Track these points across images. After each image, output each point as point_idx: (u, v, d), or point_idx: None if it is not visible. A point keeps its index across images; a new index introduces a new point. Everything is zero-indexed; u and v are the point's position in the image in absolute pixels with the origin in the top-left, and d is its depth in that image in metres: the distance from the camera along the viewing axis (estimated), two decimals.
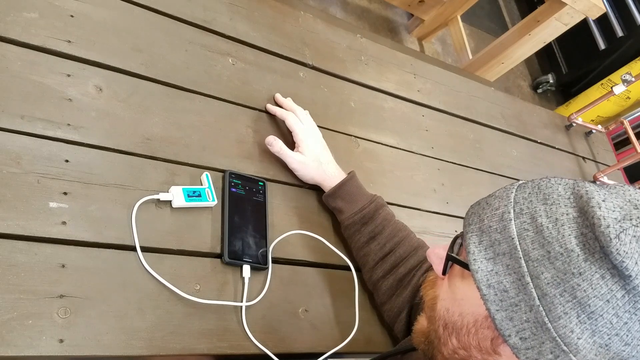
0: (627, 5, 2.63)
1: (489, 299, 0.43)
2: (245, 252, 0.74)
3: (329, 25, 1.10)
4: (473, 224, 0.47)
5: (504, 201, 0.46)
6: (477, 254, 0.45)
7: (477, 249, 0.45)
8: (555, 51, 3.01)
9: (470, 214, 0.49)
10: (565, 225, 0.42)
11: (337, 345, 0.77)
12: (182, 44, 0.85)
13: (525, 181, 0.49)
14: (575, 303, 0.40)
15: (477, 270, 0.44)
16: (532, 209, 0.44)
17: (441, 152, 1.14)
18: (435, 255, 0.53)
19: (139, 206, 0.69)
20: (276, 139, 0.83)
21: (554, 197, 0.44)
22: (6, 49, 0.68)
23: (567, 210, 0.42)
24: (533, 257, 0.42)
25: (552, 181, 0.46)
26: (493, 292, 0.43)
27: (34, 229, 0.61)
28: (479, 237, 0.46)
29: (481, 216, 0.47)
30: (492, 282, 0.43)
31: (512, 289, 0.42)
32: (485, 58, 2.22)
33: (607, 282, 0.40)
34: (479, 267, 0.44)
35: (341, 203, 0.84)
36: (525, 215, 0.44)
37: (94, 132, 0.71)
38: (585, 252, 0.40)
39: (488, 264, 0.44)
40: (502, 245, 0.44)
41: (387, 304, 0.81)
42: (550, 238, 0.42)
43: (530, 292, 0.41)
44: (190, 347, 0.66)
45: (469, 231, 0.47)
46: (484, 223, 0.46)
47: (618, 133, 2.45)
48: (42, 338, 0.57)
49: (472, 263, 0.45)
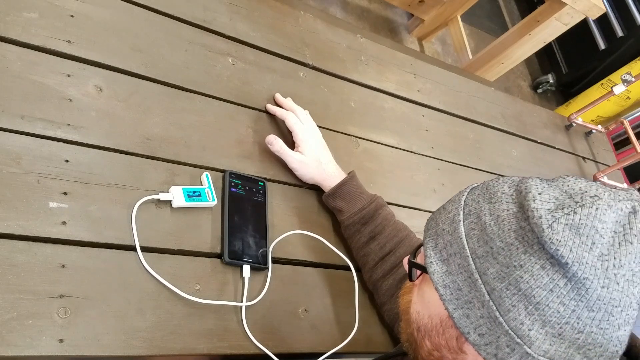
0: (627, 5, 2.63)
1: (446, 298, 0.45)
2: (245, 252, 0.74)
3: (329, 25, 1.10)
4: (431, 229, 0.50)
5: (455, 204, 0.49)
6: (433, 256, 0.47)
7: (434, 252, 0.47)
8: (555, 51, 3.01)
9: (430, 219, 0.52)
10: (505, 220, 0.43)
11: (337, 345, 0.77)
12: (182, 44, 0.85)
13: (478, 183, 0.50)
14: (520, 295, 0.41)
15: (433, 272, 0.46)
16: (479, 208, 0.46)
17: (441, 152, 1.14)
18: (406, 262, 0.56)
19: (139, 206, 0.69)
20: (276, 138, 0.84)
21: (498, 195, 0.45)
22: (6, 49, 0.68)
23: (508, 207, 0.44)
24: (479, 254, 0.44)
25: (500, 180, 0.48)
26: (449, 292, 0.45)
27: (34, 229, 0.61)
28: (435, 240, 0.48)
29: (437, 220, 0.50)
30: (447, 282, 0.45)
31: (464, 286, 0.44)
32: (485, 58, 2.22)
33: (548, 271, 0.41)
34: (435, 269, 0.47)
35: (341, 203, 0.84)
36: (472, 216, 0.46)
37: (94, 132, 0.71)
38: (524, 245, 0.41)
39: (442, 265, 0.46)
40: (453, 246, 0.46)
41: (388, 304, 0.81)
42: (492, 234, 0.43)
43: (480, 288, 0.43)
44: (190, 347, 0.66)
45: (427, 236, 0.50)
46: (439, 227, 0.49)
47: (618, 133, 2.45)
48: (42, 338, 0.57)
49: (429, 266, 0.47)
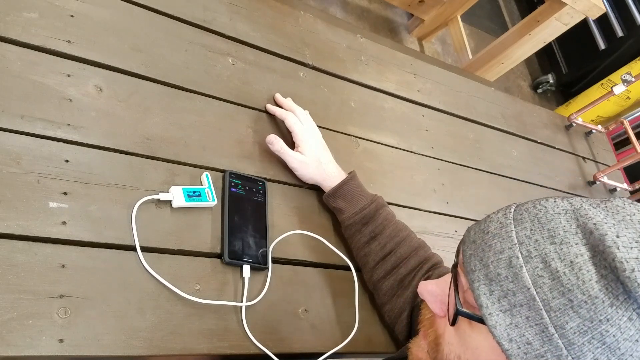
0: (627, 5, 2.63)
1: (512, 353, 0.41)
2: (245, 252, 0.74)
3: (329, 25, 1.10)
4: (477, 270, 0.44)
5: (506, 242, 0.43)
6: (491, 307, 0.42)
7: (490, 301, 0.43)
8: (555, 51, 3.02)
9: (469, 256, 0.46)
10: (583, 268, 0.40)
11: (337, 345, 0.77)
12: (182, 44, 0.85)
13: (518, 207, 0.46)
14: (604, 349, 0.39)
15: (495, 326, 0.42)
16: (541, 250, 0.42)
17: (441, 152, 1.14)
18: (429, 293, 0.50)
19: (139, 206, 0.69)
20: (277, 138, 0.84)
21: (560, 233, 0.42)
22: (6, 49, 0.68)
23: (580, 250, 0.41)
24: (554, 306, 0.40)
25: (550, 210, 0.43)
26: (516, 346, 0.41)
27: (34, 229, 0.61)
28: (488, 286, 0.43)
29: (484, 260, 0.44)
30: (514, 336, 0.41)
31: (536, 341, 0.41)
32: (485, 58, 2.22)
33: (635, 323, 0.39)
34: (496, 321, 0.42)
35: (342, 203, 0.84)
36: (535, 259, 0.41)
37: (94, 132, 0.71)
38: (610, 297, 0.39)
39: (505, 317, 0.42)
40: (517, 296, 0.41)
41: (388, 305, 0.81)
42: (570, 285, 0.40)
43: (556, 343, 0.40)
44: (190, 347, 0.66)
45: (474, 280, 0.44)
46: (490, 270, 0.43)
47: (618, 133, 2.45)
48: (42, 338, 0.57)
49: (488, 318, 0.42)
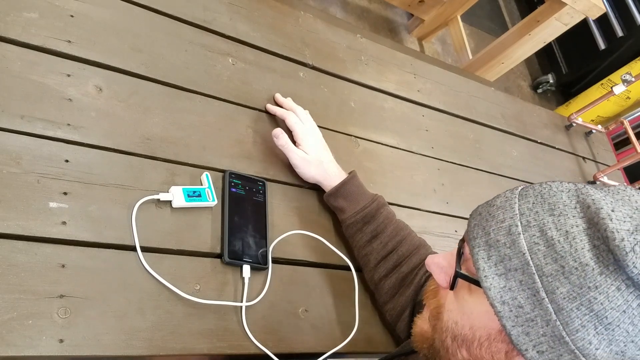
0: (627, 5, 2.63)
1: (504, 315, 0.43)
2: (245, 252, 0.74)
3: (329, 25, 1.10)
4: (479, 237, 0.46)
5: (508, 212, 0.45)
6: (488, 270, 0.44)
7: (487, 265, 0.44)
8: (555, 51, 3.01)
9: (473, 225, 0.48)
10: (577, 238, 0.41)
11: (337, 345, 0.77)
12: (182, 44, 0.85)
13: (525, 187, 0.48)
14: (592, 316, 0.40)
15: (489, 288, 0.44)
16: (540, 221, 0.43)
17: (441, 152, 1.14)
18: (435, 265, 0.52)
19: (139, 206, 0.69)
20: (283, 132, 0.83)
21: (560, 207, 0.43)
22: (6, 49, 0.68)
23: (577, 222, 0.42)
24: (547, 272, 0.42)
25: (554, 188, 0.45)
26: (508, 309, 0.43)
27: (34, 229, 0.61)
28: (487, 252, 0.45)
29: (486, 229, 0.46)
30: (506, 299, 0.43)
31: (527, 304, 0.42)
32: (485, 58, 2.22)
33: (623, 293, 0.40)
34: (491, 284, 0.44)
35: (343, 202, 0.84)
36: (533, 228, 0.43)
37: (94, 132, 0.71)
38: (600, 265, 0.40)
39: (500, 280, 0.43)
40: (513, 260, 0.43)
41: (390, 303, 0.81)
42: (563, 252, 0.41)
43: (546, 307, 0.41)
44: (190, 347, 0.66)
45: (475, 245, 0.46)
46: (490, 237, 0.45)
47: (618, 133, 2.45)
48: (42, 338, 0.57)
49: (484, 280, 0.44)
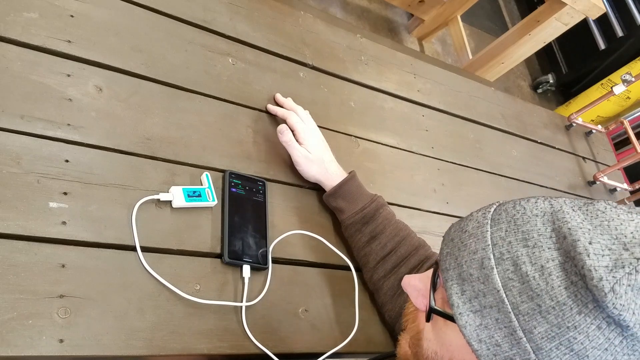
0: (627, 5, 2.63)
1: (482, 353, 0.42)
2: (245, 252, 0.74)
3: (329, 25, 1.10)
4: (451, 269, 0.45)
5: (480, 242, 0.43)
6: (462, 306, 0.43)
7: (461, 301, 0.43)
8: (555, 51, 3.02)
9: (445, 254, 0.46)
10: (553, 274, 0.39)
11: (337, 345, 0.77)
12: (182, 44, 0.85)
13: (498, 207, 0.46)
14: (572, 355, 0.39)
15: (465, 326, 0.43)
16: (514, 253, 0.41)
17: (441, 152, 1.14)
18: (412, 287, 0.51)
19: (139, 206, 0.69)
20: (288, 129, 0.83)
21: (534, 236, 0.41)
22: (6, 49, 0.68)
23: (552, 255, 0.40)
24: (523, 310, 0.40)
25: (528, 211, 0.43)
26: (485, 347, 0.42)
27: (34, 229, 0.61)
28: (460, 286, 0.43)
29: (458, 259, 0.44)
30: (483, 337, 0.42)
31: (504, 343, 0.41)
32: (485, 58, 2.22)
33: (604, 331, 0.38)
34: (466, 321, 0.42)
35: (342, 202, 0.84)
36: (507, 262, 0.41)
37: (94, 132, 0.71)
38: (579, 304, 0.38)
39: (476, 318, 0.42)
40: (487, 297, 0.42)
41: (389, 304, 0.81)
42: (539, 290, 0.40)
43: (524, 347, 0.40)
44: (190, 347, 0.66)
45: (448, 278, 0.44)
46: (463, 269, 0.44)
47: (618, 133, 2.45)
48: (42, 338, 0.57)
49: (459, 318, 0.43)
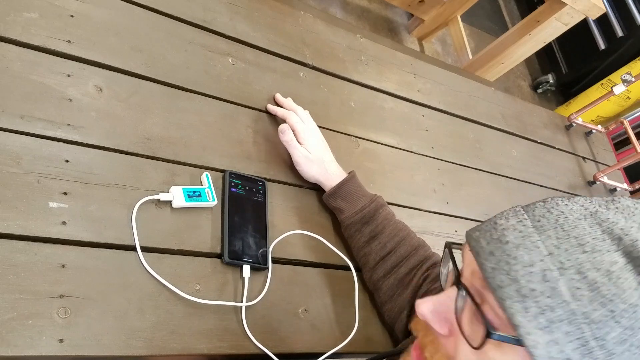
0: (627, 5, 2.63)
1: None
2: (245, 252, 0.74)
3: (329, 25, 1.10)
4: (506, 286, 0.41)
5: (535, 254, 0.41)
6: (528, 325, 0.40)
7: (526, 319, 0.40)
8: (555, 51, 3.02)
9: (491, 269, 0.42)
10: (621, 277, 0.39)
11: (337, 345, 0.77)
12: (182, 44, 0.85)
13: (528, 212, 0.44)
14: None
15: (535, 346, 0.40)
16: (574, 261, 0.40)
17: (441, 152, 1.14)
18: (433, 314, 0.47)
19: (139, 206, 0.69)
20: (289, 129, 0.83)
21: (588, 241, 0.41)
22: (6, 49, 0.68)
23: (614, 258, 0.40)
24: (595, 319, 0.39)
25: (569, 215, 0.42)
26: None
27: (34, 229, 0.61)
28: (522, 303, 0.40)
29: (511, 274, 0.41)
30: (553, 354, 0.40)
31: (575, 355, 0.40)
32: (485, 58, 2.22)
33: None
34: (535, 341, 0.40)
35: (342, 203, 0.84)
36: (570, 271, 0.40)
37: (94, 132, 0.71)
38: None
39: (544, 335, 0.40)
40: (556, 311, 0.40)
41: (388, 304, 0.81)
42: (611, 295, 0.39)
43: (596, 356, 0.39)
44: (190, 347, 0.66)
45: (504, 297, 0.41)
46: (521, 284, 0.41)
47: (618, 133, 2.45)
48: (42, 338, 0.57)
49: (527, 338, 0.40)
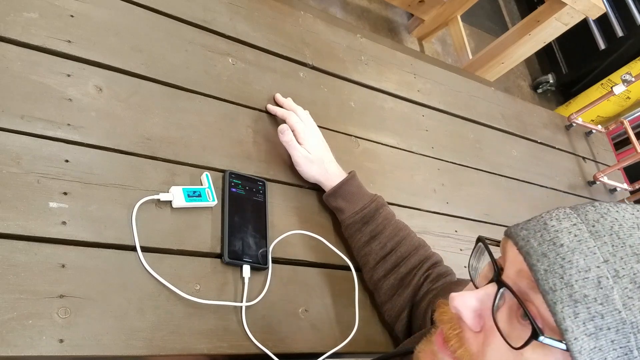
0: (627, 5, 2.63)
1: None
2: (245, 252, 0.74)
3: (329, 25, 1.10)
4: (558, 290, 0.41)
5: (591, 260, 0.41)
6: (576, 330, 0.40)
7: (575, 324, 0.40)
8: (555, 51, 3.02)
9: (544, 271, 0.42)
10: None
11: (337, 345, 0.77)
12: (182, 44, 0.85)
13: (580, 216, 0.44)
14: None
15: (580, 351, 0.39)
16: (629, 270, 0.40)
17: (441, 152, 1.14)
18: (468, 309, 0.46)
19: (139, 206, 0.69)
20: (289, 129, 0.83)
21: None
22: (6, 49, 0.68)
23: None
24: None
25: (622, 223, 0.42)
26: None
27: (34, 229, 0.61)
28: (573, 308, 0.40)
29: (565, 279, 0.41)
30: None
31: None
32: (485, 58, 2.22)
33: None
34: (581, 347, 0.39)
35: (342, 202, 0.84)
36: (624, 280, 0.40)
37: (94, 132, 0.71)
38: None
39: (590, 341, 0.39)
40: (606, 319, 0.39)
41: (388, 304, 0.81)
42: None
43: None
44: (190, 347, 0.66)
45: (556, 300, 0.40)
46: (574, 290, 0.40)
47: (618, 133, 2.45)
48: (42, 338, 0.57)
49: (574, 343, 0.39)
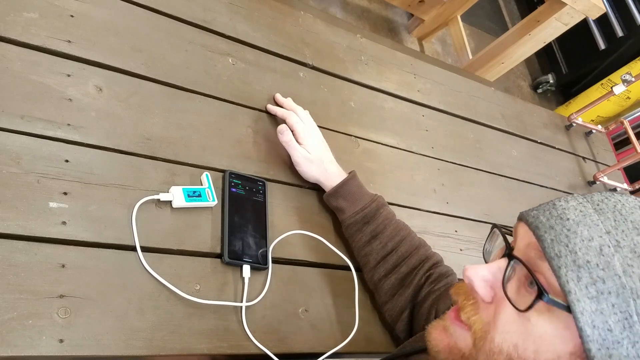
0: (627, 5, 2.63)
1: (592, 339, 0.42)
2: (245, 252, 0.74)
3: (329, 25, 1.10)
4: (563, 256, 0.44)
5: (595, 230, 0.44)
6: (579, 293, 0.43)
7: (578, 287, 0.43)
8: (555, 51, 3.02)
9: (550, 241, 0.45)
10: None
11: (337, 345, 0.77)
12: (182, 44, 0.85)
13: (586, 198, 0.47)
14: None
15: (582, 312, 0.42)
16: (630, 241, 0.43)
17: (441, 152, 1.14)
18: (481, 279, 0.49)
19: (139, 206, 0.69)
20: (288, 129, 0.83)
21: None
22: (6, 49, 0.68)
23: None
24: None
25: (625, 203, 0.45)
26: (597, 333, 0.42)
27: (34, 229, 0.61)
28: (577, 272, 0.43)
29: (570, 247, 0.44)
30: (597, 323, 0.42)
31: (616, 327, 0.42)
32: (485, 58, 2.22)
33: None
34: (583, 308, 0.42)
35: (342, 202, 0.84)
36: (625, 249, 0.43)
37: (94, 132, 0.71)
38: None
39: (592, 304, 0.42)
40: (607, 283, 0.42)
41: (389, 304, 0.81)
42: None
43: (636, 330, 0.41)
44: (190, 347, 0.66)
45: (561, 265, 0.44)
46: (577, 256, 0.44)
47: (618, 133, 2.45)
48: (42, 338, 0.57)
49: (576, 304, 0.42)
